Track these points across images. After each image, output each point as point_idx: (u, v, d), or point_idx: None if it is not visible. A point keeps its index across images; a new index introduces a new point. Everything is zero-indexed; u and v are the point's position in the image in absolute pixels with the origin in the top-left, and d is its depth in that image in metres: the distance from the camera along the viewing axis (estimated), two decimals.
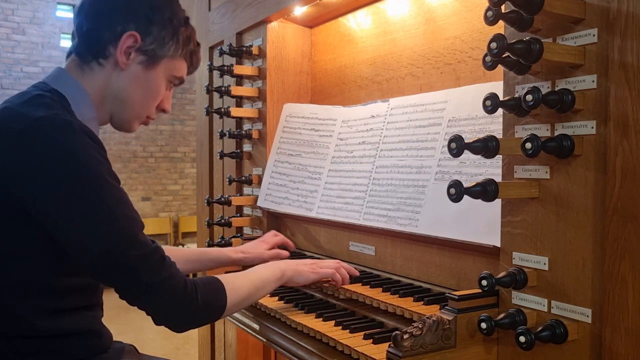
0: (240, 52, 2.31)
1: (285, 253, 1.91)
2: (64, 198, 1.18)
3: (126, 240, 1.22)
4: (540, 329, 1.07)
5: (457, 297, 1.17)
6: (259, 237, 2.22)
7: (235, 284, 1.41)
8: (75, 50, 1.40)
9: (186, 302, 1.27)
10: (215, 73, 2.43)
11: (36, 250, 1.24)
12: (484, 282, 1.13)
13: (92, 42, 1.37)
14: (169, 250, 1.74)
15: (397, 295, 1.47)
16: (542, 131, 1.13)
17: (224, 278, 1.39)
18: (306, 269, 1.59)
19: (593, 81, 1.04)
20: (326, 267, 1.62)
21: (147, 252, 1.24)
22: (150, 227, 9.03)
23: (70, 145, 1.19)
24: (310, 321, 1.48)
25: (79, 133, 1.21)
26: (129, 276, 1.22)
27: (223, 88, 2.30)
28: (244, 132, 2.33)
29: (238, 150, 2.42)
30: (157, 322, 1.29)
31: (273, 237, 1.96)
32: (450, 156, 1.17)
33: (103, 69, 1.38)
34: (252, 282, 1.46)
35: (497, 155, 1.07)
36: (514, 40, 1.03)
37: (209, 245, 2.49)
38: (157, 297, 1.25)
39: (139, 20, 1.37)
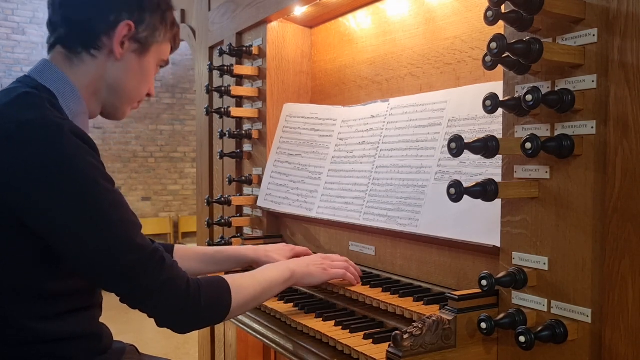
0: (240, 52, 2.31)
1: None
2: (58, 205, 1.15)
3: (123, 245, 1.19)
4: (540, 329, 1.07)
5: (457, 297, 1.17)
6: (259, 237, 2.23)
7: (242, 285, 1.38)
8: (61, 41, 1.35)
9: (189, 304, 1.26)
10: (215, 73, 2.43)
11: (30, 255, 1.21)
12: (484, 282, 1.13)
13: (84, 33, 1.33)
14: (181, 250, 1.71)
15: (397, 295, 1.47)
16: (542, 131, 1.13)
17: (229, 278, 1.37)
18: (317, 270, 1.56)
19: (593, 81, 1.04)
20: (337, 266, 1.60)
21: (145, 255, 1.22)
22: (150, 227, 9.02)
23: (61, 150, 1.15)
24: (310, 321, 1.48)
25: (70, 136, 1.17)
26: (128, 281, 1.20)
27: (223, 88, 2.30)
28: (244, 132, 2.33)
29: (238, 150, 2.42)
30: (160, 324, 1.27)
31: (304, 252, 1.83)
32: (450, 156, 1.17)
33: (95, 60, 1.35)
34: (259, 282, 1.43)
35: (497, 155, 1.07)
36: (514, 40, 1.03)
37: (209, 245, 2.49)
38: (159, 300, 1.23)
39: (132, 8, 1.34)
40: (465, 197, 1.05)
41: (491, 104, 1.09)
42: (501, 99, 1.10)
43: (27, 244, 1.20)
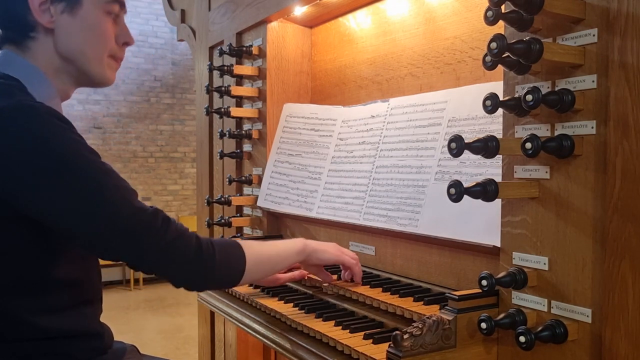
0: (240, 52, 2.31)
1: (304, 273, 1.74)
2: (50, 186, 1.13)
3: (123, 210, 1.18)
4: (540, 329, 1.07)
5: (457, 297, 1.17)
6: (259, 237, 2.23)
7: (254, 247, 1.38)
8: (4, 39, 1.33)
9: (202, 258, 1.25)
10: (215, 73, 2.43)
11: (24, 244, 1.20)
12: (484, 282, 1.13)
13: (12, 23, 1.31)
14: None
15: (397, 295, 1.47)
16: (542, 131, 1.13)
17: (241, 241, 1.37)
18: (331, 249, 1.58)
19: (593, 81, 1.04)
20: (350, 255, 1.61)
21: (147, 216, 1.20)
22: None
23: (40, 131, 1.14)
24: (310, 321, 1.48)
25: (46, 116, 1.16)
26: (135, 244, 1.19)
27: (223, 88, 2.30)
28: (244, 132, 2.33)
29: (238, 150, 2.42)
30: (176, 284, 1.26)
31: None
32: (450, 156, 1.17)
33: (38, 41, 1.31)
34: (271, 248, 1.43)
35: (497, 155, 1.07)
36: (514, 40, 1.03)
37: None
38: (171, 258, 1.22)
39: None
40: (465, 197, 1.05)
41: (491, 104, 1.09)
42: (501, 99, 1.10)
43: (25, 234, 1.19)
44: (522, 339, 1.05)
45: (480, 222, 1.34)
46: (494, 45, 1.03)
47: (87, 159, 1.18)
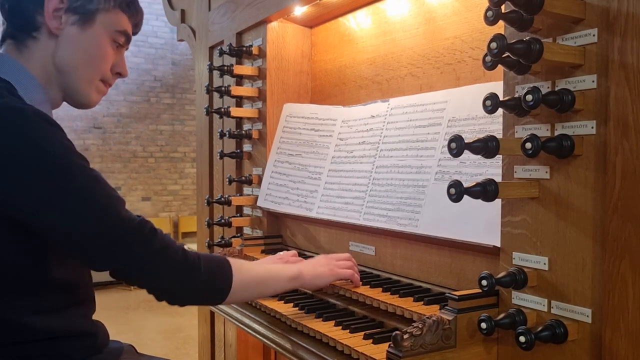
0: (240, 52, 2.31)
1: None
2: (38, 190, 1.12)
3: (111, 218, 1.17)
4: (540, 329, 1.07)
5: (457, 297, 1.17)
6: (259, 237, 2.23)
7: (243, 266, 1.36)
8: (7, 34, 1.33)
9: (187, 270, 1.23)
10: (215, 73, 2.43)
11: (14, 248, 1.19)
12: (484, 282, 1.13)
13: (18, 18, 1.31)
14: None
15: (397, 295, 1.47)
16: (542, 131, 1.13)
17: (230, 259, 1.35)
18: (325, 271, 1.55)
19: (593, 81, 1.04)
20: (343, 266, 1.59)
21: (135, 226, 1.20)
22: None
23: (29, 134, 1.13)
24: (310, 321, 1.48)
25: (35, 119, 1.15)
26: (121, 254, 1.18)
27: (223, 88, 2.30)
28: (244, 132, 2.33)
29: (238, 150, 2.42)
30: (160, 296, 1.25)
31: (292, 256, 1.71)
32: (450, 156, 1.17)
33: (39, 43, 1.31)
34: (262, 270, 1.41)
35: (497, 155, 1.07)
36: (514, 40, 1.03)
37: (209, 246, 2.49)
38: (155, 269, 1.20)
39: None
40: (465, 197, 1.05)
41: (491, 104, 1.09)
42: (501, 99, 1.10)
43: (10, 236, 1.18)
44: (522, 339, 1.05)
45: (480, 222, 1.34)
46: (494, 45, 1.03)
47: (76, 166, 1.17)
